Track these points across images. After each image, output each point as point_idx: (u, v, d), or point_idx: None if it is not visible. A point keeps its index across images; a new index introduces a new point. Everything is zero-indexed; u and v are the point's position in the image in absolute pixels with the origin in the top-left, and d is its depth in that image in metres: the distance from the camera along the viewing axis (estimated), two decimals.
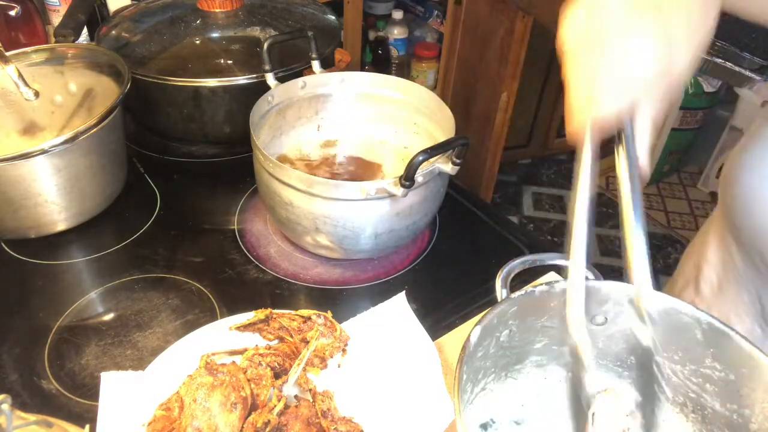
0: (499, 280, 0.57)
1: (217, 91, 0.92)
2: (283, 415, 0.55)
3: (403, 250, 0.81)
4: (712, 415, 0.55)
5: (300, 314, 0.64)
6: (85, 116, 0.85)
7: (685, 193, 2.43)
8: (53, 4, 1.17)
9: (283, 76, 0.85)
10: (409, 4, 2.33)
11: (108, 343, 0.67)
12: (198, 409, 0.54)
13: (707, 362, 0.54)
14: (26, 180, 0.72)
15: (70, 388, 0.63)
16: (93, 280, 0.76)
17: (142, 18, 1.06)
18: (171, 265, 0.77)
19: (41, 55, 0.88)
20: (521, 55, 1.77)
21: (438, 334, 0.68)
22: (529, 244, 0.84)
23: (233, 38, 1.02)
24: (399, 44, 2.30)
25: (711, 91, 2.18)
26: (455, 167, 0.69)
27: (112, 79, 0.84)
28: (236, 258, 0.79)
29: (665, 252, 2.16)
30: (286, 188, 0.70)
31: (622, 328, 0.58)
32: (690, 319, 0.53)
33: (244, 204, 0.88)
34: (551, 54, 2.34)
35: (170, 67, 0.95)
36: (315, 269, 0.78)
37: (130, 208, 0.87)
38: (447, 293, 0.75)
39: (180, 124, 0.96)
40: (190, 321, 0.70)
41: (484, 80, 1.93)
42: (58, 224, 0.79)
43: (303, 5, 1.12)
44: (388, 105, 0.88)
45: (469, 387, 0.54)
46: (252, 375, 0.58)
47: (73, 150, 0.74)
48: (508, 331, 0.56)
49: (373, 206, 0.69)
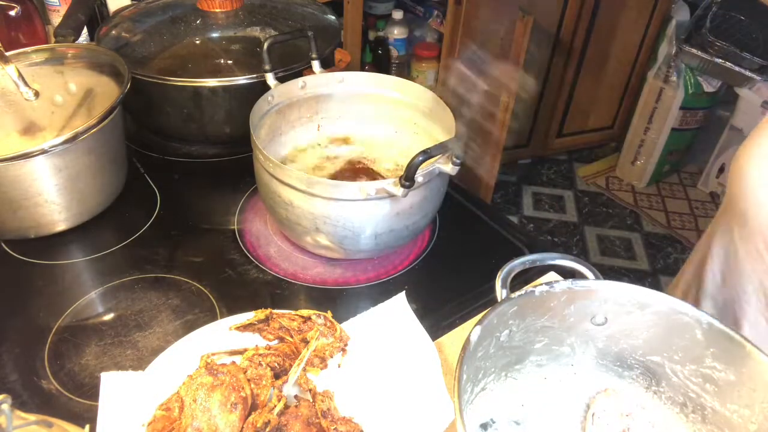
0: (499, 280, 0.57)
1: (217, 91, 0.92)
2: (283, 415, 0.55)
3: (403, 250, 0.81)
4: (712, 415, 0.55)
5: (300, 314, 0.64)
6: (85, 116, 0.85)
7: (685, 193, 2.42)
8: (53, 4, 1.17)
9: (283, 76, 0.85)
10: (409, 4, 2.32)
11: (108, 343, 0.67)
12: (198, 409, 0.54)
13: (707, 362, 0.54)
14: (26, 180, 0.72)
15: (70, 388, 0.63)
16: (93, 280, 0.76)
17: (142, 18, 1.06)
18: (171, 265, 0.77)
19: (41, 55, 0.88)
20: (521, 55, 1.77)
21: (438, 334, 0.68)
22: (529, 244, 0.84)
23: (233, 38, 1.02)
24: (399, 44, 2.30)
25: (711, 91, 2.17)
26: (455, 167, 0.69)
27: (112, 79, 0.84)
28: (236, 258, 0.79)
29: (665, 252, 2.16)
30: (286, 188, 0.70)
31: (622, 328, 0.58)
32: (690, 319, 0.53)
33: (244, 204, 0.88)
34: (551, 54, 2.34)
35: (170, 67, 0.95)
36: (315, 269, 0.78)
37: (130, 208, 0.87)
38: (447, 293, 0.75)
39: (180, 124, 0.96)
40: (190, 321, 0.70)
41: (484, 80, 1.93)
42: (58, 224, 0.79)
43: (303, 5, 1.12)
44: (388, 105, 0.88)
45: (469, 387, 0.54)
46: (252, 375, 0.58)
47: (73, 150, 0.74)
48: (508, 331, 0.56)
49: (373, 206, 0.69)
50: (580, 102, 2.35)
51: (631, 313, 0.56)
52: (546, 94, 2.28)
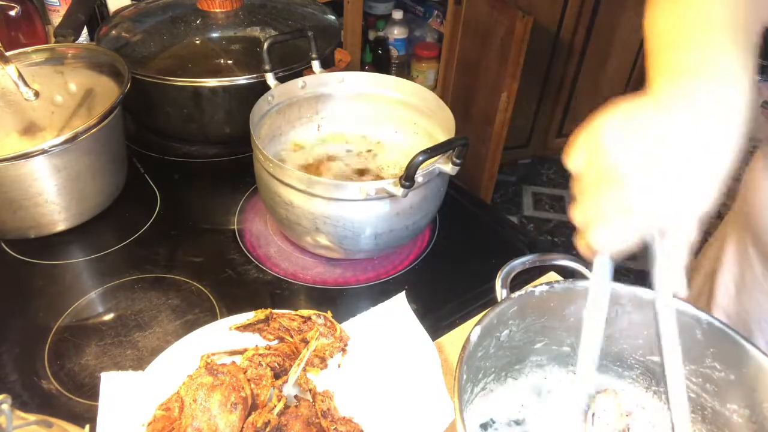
0: (499, 280, 0.57)
1: (217, 91, 0.92)
2: (283, 415, 0.55)
3: (403, 250, 0.81)
4: (712, 415, 0.55)
5: (300, 314, 0.64)
6: (85, 116, 0.85)
7: None
8: (53, 4, 1.17)
9: (283, 76, 0.85)
10: (409, 4, 2.33)
11: (108, 343, 0.67)
12: (198, 409, 0.54)
13: (707, 362, 0.54)
14: (26, 180, 0.72)
15: (70, 388, 0.63)
16: (93, 280, 0.76)
17: (142, 18, 1.06)
18: (171, 265, 0.77)
19: (41, 55, 0.88)
20: (521, 55, 1.77)
21: (438, 334, 0.68)
22: (529, 244, 0.84)
23: (233, 38, 1.02)
24: (399, 44, 2.30)
25: None
26: (455, 167, 0.69)
27: (112, 79, 0.84)
28: (236, 258, 0.79)
29: None
30: (286, 188, 0.70)
31: (622, 328, 0.58)
32: (690, 319, 0.53)
33: (244, 204, 0.88)
34: (551, 54, 2.34)
35: (170, 67, 0.95)
36: (315, 269, 0.78)
37: (130, 208, 0.87)
38: (447, 293, 0.75)
39: (180, 124, 0.96)
40: (190, 321, 0.70)
41: (484, 80, 1.93)
42: (58, 224, 0.79)
43: (303, 5, 1.12)
44: (388, 105, 0.88)
45: (469, 387, 0.54)
46: (252, 375, 0.58)
47: (73, 150, 0.74)
48: (508, 331, 0.56)
49: (373, 206, 0.69)
50: (580, 102, 2.35)
51: (631, 313, 0.56)
52: (546, 94, 2.28)
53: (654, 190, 0.40)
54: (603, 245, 0.44)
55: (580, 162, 0.45)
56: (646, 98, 0.42)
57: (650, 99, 0.42)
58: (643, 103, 0.42)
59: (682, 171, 0.40)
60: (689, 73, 0.41)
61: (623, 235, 0.43)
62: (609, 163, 0.42)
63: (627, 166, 0.41)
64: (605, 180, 0.42)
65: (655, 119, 0.41)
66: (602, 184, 0.42)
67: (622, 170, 0.41)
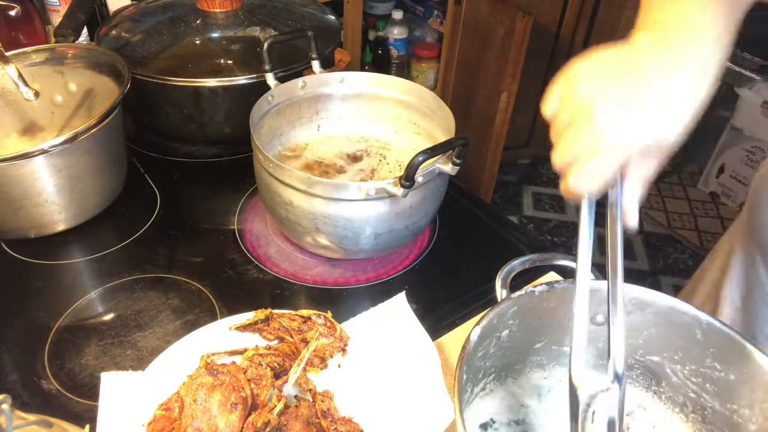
0: (499, 280, 0.57)
1: (217, 91, 0.92)
2: (283, 415, 0.55)
3: (403, 250, 0.81)
4: (712, 415, 0.55)
5: (300, 314, 0.64)
6: (85, 116, 0.85)
7: (685, 193, 2.42)
8: (53, 4, 1.17)
9: (283, 76, 0.85)
10: (409, 4, 2.32)
11: (108, 343, 0.67)
12: (198, 409, 0.54)
13: (707, 362, 0.54)
14: (26, 180, 0.72)
15: (70, 388, 0.63)
16: (93, 280, 0.76)
17: (142, 18, 1.06)
18: (171, 265, 0.77)
19: (41, 55, 0.88)
20: (521, 55, 1.77)
21: (438, 334, 0.68)
22: (529, 244, 0.84)
23: (233, 38, 1.02)
24: (399, 44, 2.30)
25: None
26: (455, 167, 0.69)
27: (112, 79, 0.84)
28: (236, 258, 0.79)
29: (665, 252, 2.16)
30: (286, 188, 0.70)
31: None
32: (690, 319, 0.53)
33: (244, 204, 0.88)
34: (551, 54, 2.33)
35: (170, 67, 0.95)
36: (315, 269, 0.78)
37: (130, 208, 0.87)
38: (447, 293, 0.75)
39: (180, 124, 0.96)
40: (190, 321, 0.70)
41: (484, 80, 1.93)
42: (58, 224, 0.79)
43: (303, 5, 1.12)
44: (388, 105, 0.88)
45: (469, 387, 0.54)
46: (252, 375, 0.58)
47: (73, 150, 0.74)
48: (508, 331, 0.56)
49: (373, 206, 0.69)
50: None
51: (631, 313, 0.56)
52: None
53: (617, 122, 0.43)
54: (581, 189, 0.46)
55: (555, 104, 0.47)
56: (621, 46, 0.45)
57: (624, 47, 0.45)
58: (617, 49, 0.45)
59: (645, 106, 0.43)
60: (665, 28, 0.44)
61: (596, 177, 0.45)
62: (579, 101, 0.44)
63: (594, 100, 0.43)
64: (576, 118, 0.45)
65: (626, 61, 0.44)
66: (574, 123, 0.45)
67: (588, 104, 0.43)
